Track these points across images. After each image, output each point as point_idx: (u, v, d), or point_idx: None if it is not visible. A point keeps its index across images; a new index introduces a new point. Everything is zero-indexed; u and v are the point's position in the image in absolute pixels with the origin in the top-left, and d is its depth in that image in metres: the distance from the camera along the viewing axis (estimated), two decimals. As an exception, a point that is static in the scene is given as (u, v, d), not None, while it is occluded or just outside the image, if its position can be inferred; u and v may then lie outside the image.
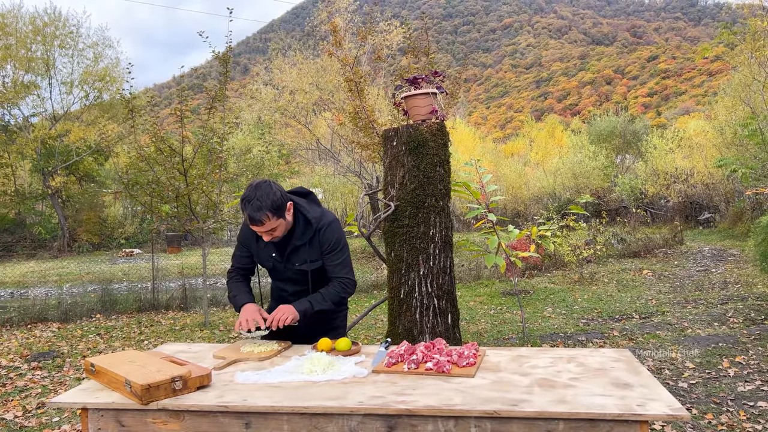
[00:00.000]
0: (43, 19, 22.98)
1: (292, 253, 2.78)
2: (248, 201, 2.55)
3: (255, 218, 2.55)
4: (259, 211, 2.54)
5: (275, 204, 2.57)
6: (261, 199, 2.54)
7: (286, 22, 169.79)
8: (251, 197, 2.55)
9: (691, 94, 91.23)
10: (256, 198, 2.54)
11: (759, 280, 9.38)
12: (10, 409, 4.68)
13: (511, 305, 8.79)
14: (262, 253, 2.84)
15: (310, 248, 2.77)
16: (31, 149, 23.28)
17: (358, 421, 1.94)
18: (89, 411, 2.08)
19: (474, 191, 5.14)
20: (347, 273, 2.83)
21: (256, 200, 2.54)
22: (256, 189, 2.58)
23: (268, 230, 2.62)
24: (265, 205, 2.54)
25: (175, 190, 8.01)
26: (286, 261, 2.79)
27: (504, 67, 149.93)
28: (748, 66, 15.80)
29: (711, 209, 23.30)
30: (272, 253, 2.80)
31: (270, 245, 2.79)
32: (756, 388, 4.47)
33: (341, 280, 2.81)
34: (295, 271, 2.81)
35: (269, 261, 2.83)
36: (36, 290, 12.08)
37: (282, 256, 2.79)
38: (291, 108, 17.51)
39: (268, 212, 2.55)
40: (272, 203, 2.56)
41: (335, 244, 2.78)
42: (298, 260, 2.78)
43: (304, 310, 2.70)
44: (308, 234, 2.75)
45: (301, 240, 2.75)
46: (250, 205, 2.54)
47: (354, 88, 9.27)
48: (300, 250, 2.77)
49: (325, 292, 2.78)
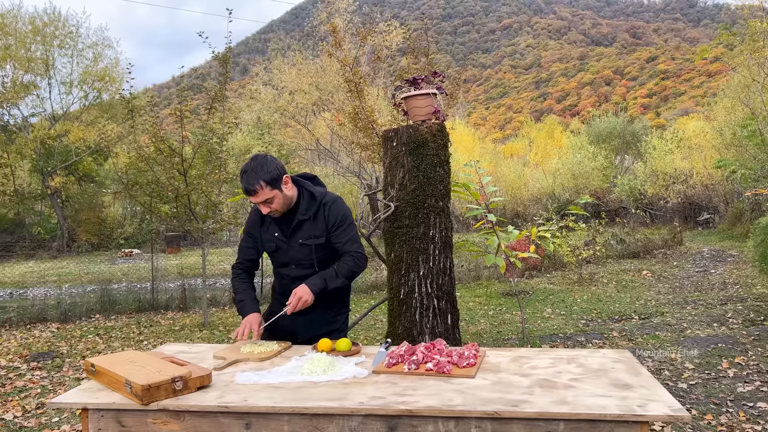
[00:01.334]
0: (43, 19, 22.97)
1: (296, 229, 2.78)
2: (244, 172, 2.63)
3: (248, 188, 2.61)
4: (253, 181, 2.60)
5: (268, 174, 2.62)
6: (256, 170, 2.61)
7: (285, 23, 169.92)
8: (247, 169, 2.63)
9: (691, 95, 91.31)
10: (252, 169, 2.62)
11: (758, 281, 9.39)
12: (9, 410, 4.67)
13: (510, 306, 8.80)
14: (266, 235, 2.84)
15: (314, 223, 2.77)
16: (30, 149, 23.27)
17: (358, 422, 1.94)
18: (89, 411, 2.07)
19: (474, 192, 5.14)
20: (358, 248, 2.82)
21: (251, 171, 2.62)
22: (253, 160, 2.66)
23: (263, 201, 2.64)
24: (258, 175, 2.60)
25: (174, 191, 8.01)
26: (290, 237, 2.79)
27: (503, 68, 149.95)
28: (747, 67, 15.82)
29: (710, 210, 23.32)
30: (275, 232, 2.80)
31: (273, 225, 2.80)
32: (755, 389, 4.47)
33: (352, 254, 2.79)
34: (299, 248, 2.79)
35: (273, 242, 2.82)
36: (35, 290, 12.07)
37: (286, 233, 2.79)
38: (290, 108, 17.52)
39: (261, 182, 2.60)
40: (266, 173, 2.61)
41: (342, 219, 2.79)
42: (302, 236, 2.78)
43: (319, 289, 2.70)
44: (312, 209, 2.77)
45: (306, 215, 2.76)
46: (246, 176, 2.62)
47: (353, 89, 9.26)
48: (304, 225, 2.77)
49: (338, 267, 2.78)
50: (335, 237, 2.79)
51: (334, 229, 2.78)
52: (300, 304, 2.66)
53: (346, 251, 2.79)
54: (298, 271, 2.82)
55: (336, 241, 2.79)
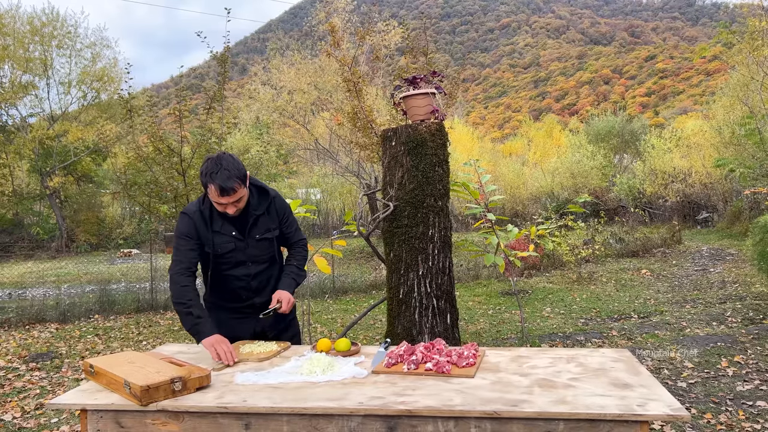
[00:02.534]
0: (41, 19, 22.92)
1: (253, 225, 2.77)
2: (215, 172, 2.54)
3: (227, 187, 2.54)
4: (230, 180, 2.54)
5: (241, 172, 2.61)
6: (230, 169, 2.56)
7: (284, 22, 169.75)
8: (217, 169, 2.55)
9: (689, 93, 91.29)
10: (224, 168, 2.55)
11: (757, 280, 9.39)
12: (8, 411, 4.67)
13: (509, 305, 8.80)
14: (219, 237, 2.73)
15: (268, 217, 2.82)
16: (28, 149, 23.23)
17: (358, 422, 1.93)
18: (88, 412, 2.07)
19: (473, 191, 5.14)
20: (302, 235, 2.99)
21: (224, 170, 2.55)
22: (219, 161, 2.58)
23: (237, 199, 2.61)
24: (233, 173, 2.56)
25: (173, 190, 8.01)
26: (247, 234, 2.77)
27: (502, 67, 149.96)
28: (746, 65, 15.82)
29: (709, 209, 23.32)
30: (231, 231, 2.74)
31: (227, 225, 2.73)
32: (755, 388, 4.48)
33: (300, 243, 2.96)
34: (257, 244, 2.79)
35: (229, 242, 2.74)
36: (34, 291, 12.04)
37: (243, 231, 2.76)
38: (289, 108, 17.50)
39: (237, 180, 2.57)
40: (239, 171, 2.59)
41: (288, 209, 2.91)
42: (259, 231, 2.79)
43: (293, 287, 2.82)
44: (264, 203, 2.81)
45: (259, 209, 2.78)
46: (219, 175, 2.54)
47: (352, 88, 9.26)
48: (259, 220, 2.79)
49: (297, 262, 2.92)
50: (286, 227, 2.89)
51: (285, 219, 2.88)
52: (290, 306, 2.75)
53: (296, 239, 2.95)
54: (254, 267, 2.82)
55: (287, 231, 2.90)
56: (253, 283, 2.82)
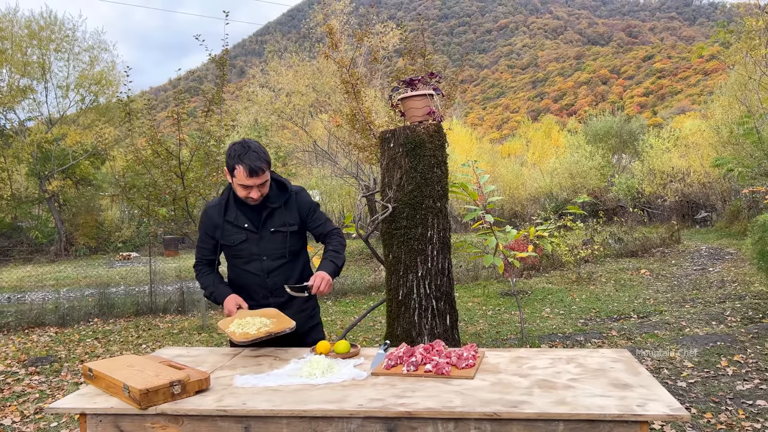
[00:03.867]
0: (39, 23, 22.92)
1: (268, 218, 2.75)
2: (243, 154, 2.58)
3: (256, 167, 2.57)
4: (260, 161, 2.58)
5: (268, 156, 2.65)
6: (257, 151, 2.61)
7: (282, 24, 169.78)
8: (245, 151, 2.59)
9: (687, 93, 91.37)
10: (252, 150, 2.60)
11: (756, 279, 9.40)
12: (7, 415, 4.66)
13: (509, 306, 8.80)
14: (232, 228, 2.76)
15: (285, 211, 2.78)
16: (27, 153, 23.21)
17: (357, 424, 1.93)
18: (88, 416, 2.07)
19: (471, 192, 5.14)
20: (334, 225, 2.94)
21: (252, 152, 2.59)
22: (247, 144, 2.63)
23: (262, 182, 2.63)
24: (261, 156, 2.60)
25: (172, 193, 8.00)
26: (261, 226, 2.75)
27: (500, 68, 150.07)
28: (743, 65, 15.84)
29: (708, 208, 23.35)
30: (245, 224, 2.74)
31: (241, 217, 2.74)
32: (755, 387, 4.48)
33: (333, 231, 2.90)
34: (271, 237, 2.76)
35: (240, 233, 2.75)
36: (33, 294, 12.03)
37: (258, 222, 2.75)
38: (287, 110, 17.50)
39: (265, 162, 2.61)
40: (266, 155, 2.64)
41: (313, 204, 2.88)
42: (275, 224, 2.76)
43: (332, 270, 2.74)
44: (283, 197, 2.78)
45: (277, 202, 2.76)
46: (248, 156, 2.57)
47: (350, 90, 9.26)
48: (276, 213, 2.76)
49: (334, 247, 2.85)
50: (313, 221, 2.86)
51: (311, 213, 2.84)
52: (323, 284, 2.63)
53: (328, 230, 2.88)
54: (270, 263, 2.77)
55: (315, 224, 2.86)
56: (268, 281, 2.78)
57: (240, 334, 2.49)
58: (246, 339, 2.46)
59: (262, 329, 2.51)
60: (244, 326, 2.53)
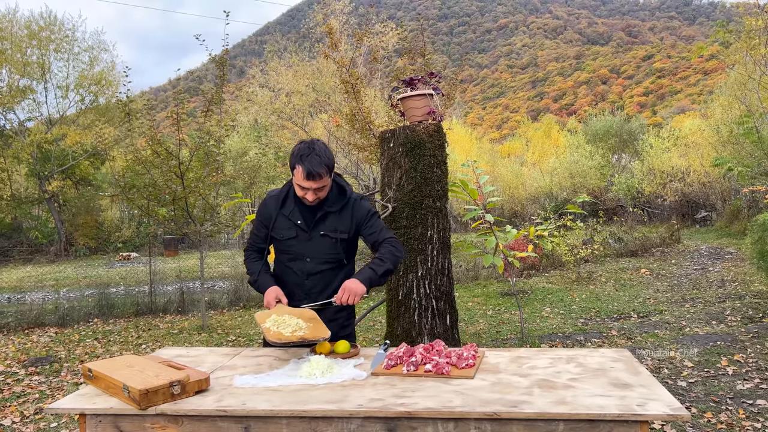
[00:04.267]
0: (39, 23, 22.93)
1: (321, 220, 2.70)
2: (306, 155, 2.54)
3: (314, 171, 2.52)
4: (320, 166, 2.53)
5: (330, 161, 2.58)
6: (320, 154, 2.55)
7: (281, 24, 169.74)
8: (308, 152, 2.54)
9: (687, 93, 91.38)
10: (316, 153, 2.54)
11: (756, 278, 9.40)
12: (7, 415, 4.66)
13: (509, 305, 8.79)
14: (285, 222, 2.72)
15: (339, 217, 2.71)
16: (27, 153, 23.21)
17: (357, 424, 1.93)
18: (87, 416, 2.07)
19: (471, 191, 5.14)
20: (392, 234, 2.78)
21: (315, 155, 2.54)
22: (312, 145, 2.58)
23: (319, 187, 2.57)
24: (323, 160, 2.55)
25: (171, 193, 7.99)
26: (312, 227, 2.69)
27: (500, 68, 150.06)
28: (743, 64, 15.84)
29: (708, 208, 23.35)
30: (297, 220, 2.70)
31: (296, 213, 2.70)
32: (755, 386, 4.48)
33: (389, 241, 2.72)
34: (319, 239, 2.70)
35: (292, 229, 2.71)
36: (33, 295, 12.02)
37: (310, 222, 2.69)
38: (287, 110, 17.51)
39: (326, 167, 2.55)
40: (329, 159, 2.57)
41: (372, 212, 2.77)
42: (326, 228, 2.70)
43: (369, 278, 2.59)
44: (341, 202, 2.72)
45: (333, 207, 2.69)
46: (310, 159, 2.52)
47: (350, 90, 9.26)
48: (329, 217, 2.70)
49: (381, 255, 2.67)
50: (368, 228, 2.74)
51: (366, 221, 2.74)
52: (350, 296, 2.52)
53: (383, 239, 2.73)
54: (313, 265, 2.72)
55: (370, 232, 2.74)
56: (307, 283, 2.73)
57: (274, 333, 2.42)
58: (279, 340, 2.40)
59: (297, 333, 2.43)
60: (280, 325, 2.47)
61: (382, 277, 2.64)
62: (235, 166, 23.11)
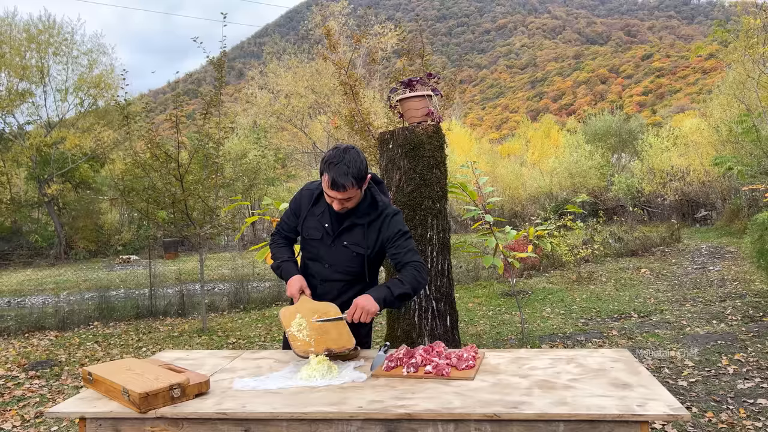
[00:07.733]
0: (38, 27, 22.97)
1: (346, 231, 2.58)
2: (334, 164, 2.39)
3: (339, 183, 2.38)
4: (346, 177, 2.37)
5: (361, 173, 2.42)
6: (349, 164, 2.38)
7: (280, 26, 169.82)
8: (338, 160, 2.39)
9: (686, 92, 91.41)
10: (344, 162, 2.38)
11: (756, 277, 9.40)
12: (8, 419, 4.65)
13: (509, 306, 8.79)
14: (312, 220, 2.63)
15: (366, 231, 2.57)
16: (26, 157, 23.24)
17: (357, 426, 1.93)
18: (87, 420, 2.06)
19: (471, 192, 5.14)
20: (419, 258, 2.59)
21: (343, 164, 2.38)
22: (344, 152, 2.41)
23: (345, 197, 2.43)
24: (352, 171, 2.38)
25: (171, 196, 7.99)
26: (336, 235, 2.59)
27: (499, 68, 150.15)
28: (742, 63, 15.86)
29: (707, 207, 23.36)
30: (326, 223, 2.59)
31: (326, 215, 2.59)
32: (756, 386, 4.47)
33: (413, 264, 2.53)
34: (341, 249, 2.59)
35: (319, 230, 2.61)
36: (33, 298, 12.03)
37: (336, 229, 2.58)
38: (286, 112, 17.54)
39: (353, 179, 2.38)
40: (358, 171, 2.40)
41: (404, 231, 2.59)
42: (349, 239, 2.58)
43: (383, 297, 2.43)
44: (371, 216, 2.57)
45: (362, 220, 2.56)
46: (336, 168, 2.37)
47: (349, 92, 9.26)
48: (355, 229, 2.58)
49: (401, 277, 2.50)
50: (395, 248, 2.56)
51: (395, 239, 2.56)
52: (362, 314, 2.39)
53: (407, 261, 2.54)
54: (330, 272, 2.63)
55: (395, 251, 2.57)
56: (320, 287, 2.66)
57: (301, 344, 2.39)
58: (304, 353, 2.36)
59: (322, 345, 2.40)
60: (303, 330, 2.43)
61: (398, 299, 2.48)
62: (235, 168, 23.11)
